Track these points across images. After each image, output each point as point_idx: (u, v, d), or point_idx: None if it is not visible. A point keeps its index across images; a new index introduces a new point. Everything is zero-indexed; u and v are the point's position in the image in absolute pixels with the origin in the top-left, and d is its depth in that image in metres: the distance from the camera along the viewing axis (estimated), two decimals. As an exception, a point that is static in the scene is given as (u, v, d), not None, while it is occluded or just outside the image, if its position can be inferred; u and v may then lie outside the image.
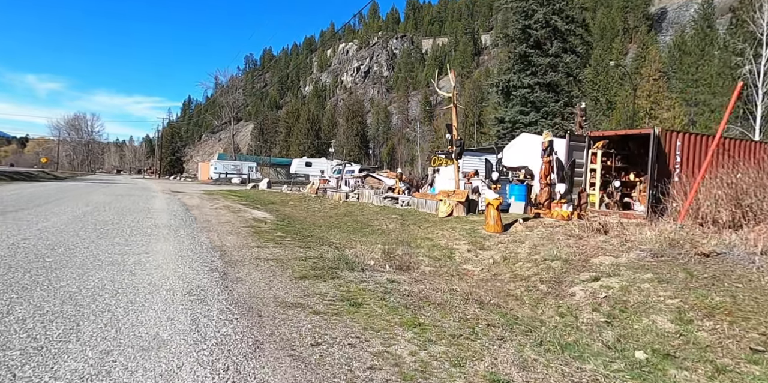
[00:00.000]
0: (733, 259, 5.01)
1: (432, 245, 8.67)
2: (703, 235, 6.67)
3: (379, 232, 10.50)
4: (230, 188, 27.43)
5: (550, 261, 6.39)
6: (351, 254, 6.72)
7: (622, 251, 6.00)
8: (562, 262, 6.20)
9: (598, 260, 5.84)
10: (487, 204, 9.54)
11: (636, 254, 5.71)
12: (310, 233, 9.49)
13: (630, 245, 6.13)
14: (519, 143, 15.74)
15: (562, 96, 29.52)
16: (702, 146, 12.33)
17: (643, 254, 5.63)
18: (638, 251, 5.76)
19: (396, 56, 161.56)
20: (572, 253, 6.62)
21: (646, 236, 6.33)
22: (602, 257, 5.91)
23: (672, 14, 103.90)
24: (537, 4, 30.51)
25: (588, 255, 6.11)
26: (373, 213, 13.77)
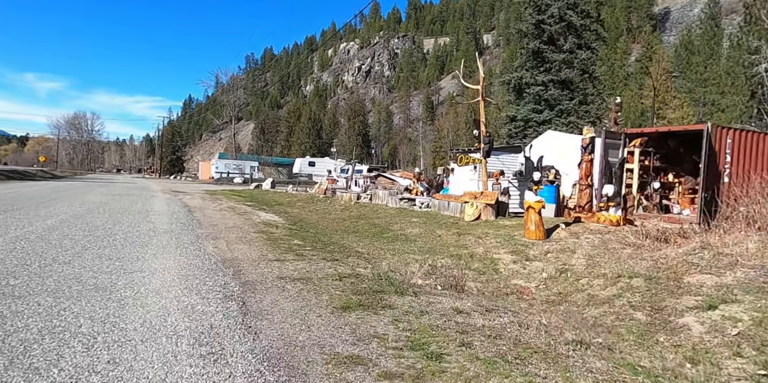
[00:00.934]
0: None
1: (469, 255, 7.61)
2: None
3: (403, 238, 9.44)
4: (233, 188, 26.35)
5: (627, 279, 5.32)
6: (386, 267, 5.66)
7: (721, 268, 4.94)
8: (644, 280, 5.13)
9: (695, 280, 4.77)
10: (528, 207, 8.48)
11: (744, 272, 4.65)
12: (329, 239, 8.42)
13: (730, 261, 5.07)
14: (544, 141, 14.68)
15: (577, 94, 28.45)
16: (754, 144, 11.26)
17: (754, 273, 4.57)
18: (746, 269, 4.70)
19: (397, 56, 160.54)
20: (652, 268, 5.55)
21: (746, 249, 5.26)
22: (699, 276, 4.84)
23: (675, 14, 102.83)
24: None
25: (677, 272, 5.05)
26: (390, 216, 12.71)
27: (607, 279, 5.53)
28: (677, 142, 12.98)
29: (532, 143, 13.60)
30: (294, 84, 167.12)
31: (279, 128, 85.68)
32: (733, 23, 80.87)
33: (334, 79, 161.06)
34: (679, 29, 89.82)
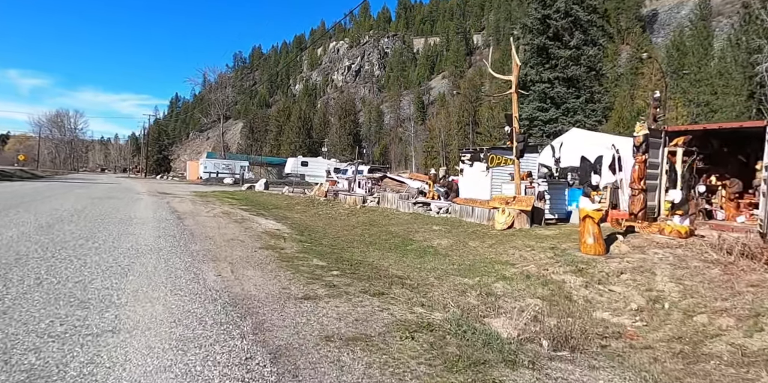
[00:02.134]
0: None
1: (523, 276, 6.27)
2: None
3: (432, 252, 8.07)
4: (224, 189, 24.70)
5: (765, 318, 4.01)
6: (450, 302, 4.29)
7: None
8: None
9: None
10: (585, 217, 7.17)
11: None
12: (352, 255, 7.01)
13: None
14: (569, 140, 13.40)
15: (584, 92, 27.42)
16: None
17: None
18: None
19: (387, 55, 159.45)
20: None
21: None
22: None
23: (663, 16, 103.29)
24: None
25: None
26: (406, 223, 11.33)
27: (739, 319, 4.22)
28: (720, 141, 11.82)
29: (561, 141, 12.35)
30: (283, 83, 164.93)
31: (268, 127, 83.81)
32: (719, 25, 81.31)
33: (323, 78, 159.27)
34: (667, 31, 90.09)
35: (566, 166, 11.86)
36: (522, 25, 29.54)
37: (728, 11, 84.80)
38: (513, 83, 10.60)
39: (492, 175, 15.94)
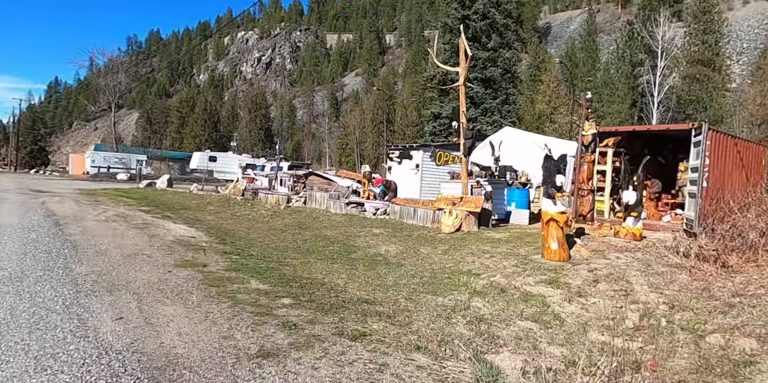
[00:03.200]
0: None
1: (493, 288, 5.52)
2: None
3: (382, 261, 7.07)
4: (117, 187, 21.37)
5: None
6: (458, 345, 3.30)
7: None
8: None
9: None
10: (548, 220, 6.63)
11: None
12: (294, 271, 5.74)
13: None
14: (507, 139, 13.19)
15: (500, 93, 28.20)
16: (727, 147, 10.70)
17: None
18: None
19: (300, 49, 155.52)
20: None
21: None
22: None
23: (555, 29, 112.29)
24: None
25: None
26: (341, 225, 10.21)
27: (760, 340, 3.77)
28: (642, 143, 12.28)
29: (501, 139, 12.02)
30: (185, 72, 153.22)
31: (169, 119, 76.82)
32: (604, 40, 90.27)
33: (231, 69, 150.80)
34: (559, 43, 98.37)
35: (505, 165, 11.54)
36: (443, 24, 29.59)
37: (608, 29, 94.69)
38: (461, 75, 9.93)
39: (422, 173, 15.37)
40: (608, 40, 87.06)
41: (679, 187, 11.07)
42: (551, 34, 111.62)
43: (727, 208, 8.79)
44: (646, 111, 42.81)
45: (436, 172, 14.92)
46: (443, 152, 9.64)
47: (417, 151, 15.30)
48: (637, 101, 45.91)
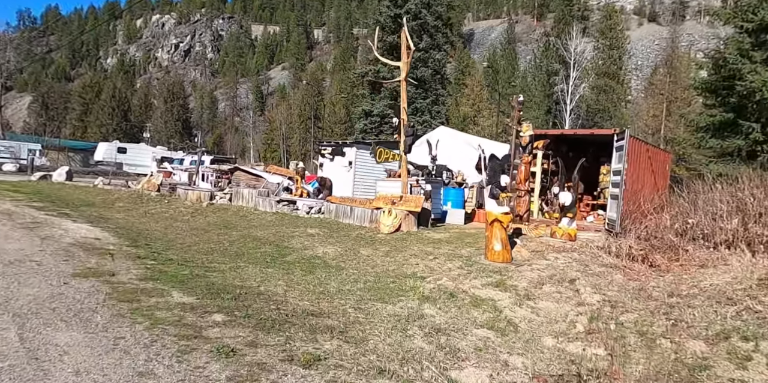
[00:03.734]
0: None
1: (442, 293, 5.27)
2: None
3: (321, 264, 6.57)
4: (2, 179, 18.52)
5: (741, 341, 3.66)
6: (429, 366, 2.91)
7: None
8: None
9: None
10: (492, 221, 6.52)
11: None
12: (224, 278, 5.05)
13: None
14: (443, 138, 13.17)
15: (430, 93, 28.60)
16: (641, 153, 11.47)
17: None
18: None
19: (222, 38, 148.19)
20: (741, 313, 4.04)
21: None
22: None
23: (478, 36, 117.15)
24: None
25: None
26: (272, 225, 9.51)
27: (708, 342, 3.82)
28: (568, 146, 12.85)
29: (438, 137, 11.93)
30: (90, 54, 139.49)
31: (69, 105, 69.16)
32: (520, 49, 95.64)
33: (144, 54, 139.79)
34: (482, 50, 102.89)
35: (441, 164, 11.47)
36: (375, 21, 29.36)
37: (526, 39, 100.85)
38: (402, 71, 9.64)
39: (356, 171, 14.96)
40: (525, 49, 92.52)
41: (601, 189, 11.69)
42: (474, 40, 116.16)
43: (644, 209, 9.38)
44: (559, 118, 45.80)
45: (369, 169, 14.57)
46: (384, 149, 9.31)
47: (350, 148, 14.85)
48: (552, 108, 49.02)
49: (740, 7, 13.11)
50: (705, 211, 7.98)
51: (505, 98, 67.31)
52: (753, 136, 11.97)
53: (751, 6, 12.56)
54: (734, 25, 13.63)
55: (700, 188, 8.93)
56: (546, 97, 49.94)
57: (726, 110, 13.35)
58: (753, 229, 6.72)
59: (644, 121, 44.73)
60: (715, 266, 6.06)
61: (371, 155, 9.11)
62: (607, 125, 40.49)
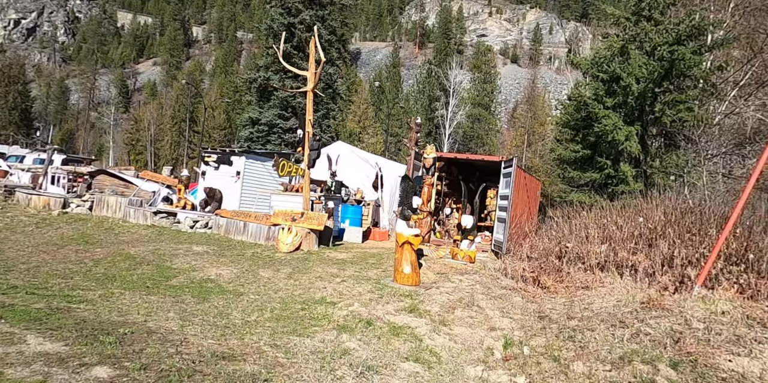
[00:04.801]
0: None
1: (357, 321, 4.94)
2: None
3: (216, 289, 5.78)
4: None
5: (642, 364, 3.98)
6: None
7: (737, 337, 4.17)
8: (671, 368, 3.89)
9: (733, 365, 3.80)
10: (403, 243, 6.41)
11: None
12: (96, 311, 4.04)
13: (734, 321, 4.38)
14: (336, 153, 12.90)
15: (321, 107, 28.25)
16: (521, 178, 12.53)
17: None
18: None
19: (80, 21, 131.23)
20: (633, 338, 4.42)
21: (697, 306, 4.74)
22: (728, 356, 3.92)
23: (364, 56, 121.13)
24: (302, 5, 28.68)
25: (697, 352, 4.00)
26: (148, 240, 8.25)
27: (612, 364, 4.06)
28: (459, 169, 13.53)
29: (338, 153, 11.58)
30: None
31: None
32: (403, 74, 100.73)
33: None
34: (368, 69, 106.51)
35: (340, 180, 11.17)
36: (267, 27, 28.33)
37: (408, 64, 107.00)
38: (309, 81, 9.21)
39: (243, 182, 13.91)
40: (408, 74, 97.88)
41: (488, 212, 12.47)
42: (361, 59, 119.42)
43: (524, 232, 10.18)
44: (439, 141, 48.88)
45: (259, 182, 13.67)
46: (287, 162, 8.68)
47: (239, 157, 13.81)
48: (432, 132, 52.20)
49: (597, 59, 15.34)
50: (578, 236, 8.89)
51: (391, 117, 69.99)
52: (606, 170, 13.95)
53: (606, 59, 14.77)
54: (591, 75, 15.89)
55: (569, 215, 9.95)
56: (427, 120, 52.96)
57: (584, 146, 15.38)
58: (621, 254, 7.63)
59: (508, 149, 50.00)
60: (595, 287, 6.68)
61: (273, 168, 8.45)
62: (480, 151, 44.41)
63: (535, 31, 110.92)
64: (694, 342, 4.12)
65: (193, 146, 61.91)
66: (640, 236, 8.04)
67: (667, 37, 13.31)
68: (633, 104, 13.67)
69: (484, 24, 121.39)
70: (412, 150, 11.80)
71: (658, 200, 8.74)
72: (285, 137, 26.28)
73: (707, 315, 4.70)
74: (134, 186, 11.36)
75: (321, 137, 10.31)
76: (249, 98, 29.72)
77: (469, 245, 7.95)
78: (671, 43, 13.09)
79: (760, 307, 5.08)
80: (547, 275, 7.62)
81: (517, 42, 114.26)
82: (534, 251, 8.67)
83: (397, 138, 58.77)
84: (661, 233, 7.65)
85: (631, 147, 13.27)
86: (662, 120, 13.35)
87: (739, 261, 6.10)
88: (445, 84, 48.38)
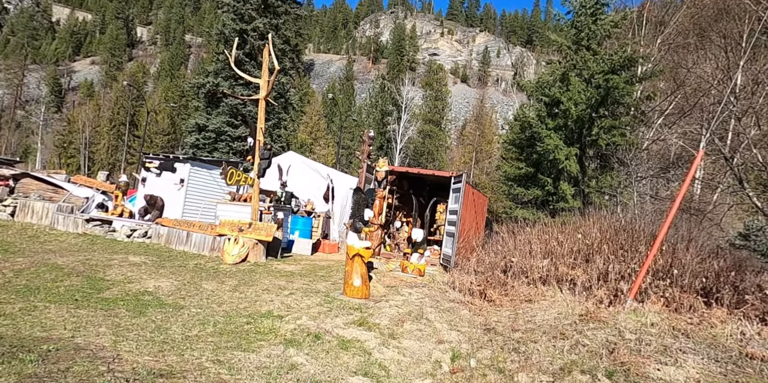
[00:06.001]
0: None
1: (305, 334, 4.83)
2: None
3: (154, 302, 5.46)
4: None
5: (581, 374, 4.16)
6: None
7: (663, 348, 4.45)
8: (605, 376, 4.09)
9: (662, 373, 4.06)
10: (354, 256, 6.38)
11: (695, 360, 4.27)
12: (16, 327, 3.70)
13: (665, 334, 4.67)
14: (293, 163, 12.71)
15: (273, 116, 27.79)
16: (469, 194, 12.88)
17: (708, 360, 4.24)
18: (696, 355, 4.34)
19: (8, 12, 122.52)
20: (574, 348, 4.63)
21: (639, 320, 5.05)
22: (657, 365, 4.17)
23: (318, 68, 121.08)
24: (255, 12, 28.36)
25: (630, 361, 4.24)
26: (79, 250, 7.68)
27: (554, 375, 4.21)
28: (410, 183, 13.70)
29: (290, 163, 11.37)
30: None
31: None
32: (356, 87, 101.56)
33: None
34: (321, 81, 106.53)
35: (290, 191, 10.98)
36: (218, 32, 27.68)
37: (362, 78, 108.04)
38: (262, 88, 9.07)
39: (187, 190, 13.35)
40: (361, 87, 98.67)
41: (437, 226, 12.68)
42: (314, 71, 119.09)
43: (471, 246, 10.44)
44: (390, 155, 49.36)
45: (205, 190, 13.18)
46: (236, 170, 8.41)
47: (183, 164, 13.26)
48: (384, 145, 52.70)
49: (540, 83, 16.24)
50: (521, 251, 9.22)
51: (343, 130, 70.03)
52: (547, 188, 14.66)
53: (549, 83, 15.66)
54: (535, 98, 16.77)
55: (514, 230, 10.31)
56: (379, 134, 53.46)
57: (528, 164, 16.12)
58: (561, 269, 7.99)
59: (457, 166, 51.32)
60: (538, 301, 6.94)
61: (221, 176, 8.16)
62: (431, 166, 45.25)
63: (484, 53, 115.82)
64: (627, 353, 4.37)
65: (132, 151, 58.86)
66: (578, 251, 8.45)
67: (603, 66, 14.33)
68: (572, 126, 14.53)
69: (436, 44, 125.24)
70: (364, 163, 11.85)
71: (595, 218, 9.26)
72: (233, 145, 25.58)
73: (638, 326, 5.00)
74: (65, 191, 10.56)
75: (272, 146, 10.12)
76: (196, 104, 28.72)
77: (419, 259, 8.03)
78: (606, 72, 14.10)
79: (684, 319, 5.49)
80: (493, 288, 7.82)
81: (467, 63, 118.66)
82: (481, 265, 8.90)
83: (348, 151, 58.81)
84: (597, 249, 8.09)
85: (571, 167, 14.04)
86: (598, 143, 14.26)
87: (665, 276, 6.57)
88: (397, 99, 49.23)
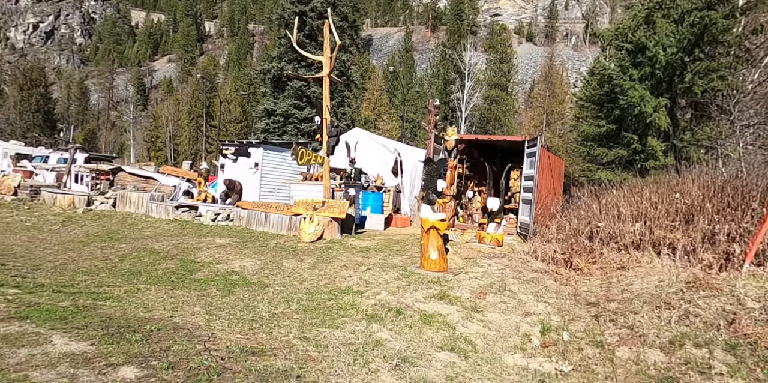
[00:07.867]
0: None
1: (386, 309, 4.78)
2: None
3: (241, 281, 5.70)
4: None
5: (695, 348, 3.71)
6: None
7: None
8: (726, 353, 3.62)
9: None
10: (429, 228, 6.20)
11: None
12: (122, 308, 3.99)
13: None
14: (361, 140, 12.66)
15: (336, 95, 27.98)
16: (545, 158, 12.09)
17: None
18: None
19: (95, 22, 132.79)
20: (705, 325, 4.14)
21: None
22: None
23: (376, 42, 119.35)
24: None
25: (756, 334, 3.72)
26: (171, 234, 8.24)
27: (663, 350, 3.80)
28: (480, 152, 13.16)
29: (357, 139, 11.40)
30: None
31: None
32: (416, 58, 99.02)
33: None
34: (380, 55, 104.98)
35: (359, 167, 10.99)
36: (278, 17, 28.04)
37: (421, 48, 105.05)
38: (325, 66, 8.98)
39: (262, 173, 13.86)
40: (421, 58, 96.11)
41: (512, 193, 12.12)
42: (373, 46, 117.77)
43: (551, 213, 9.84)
44: (456, 124, 47.94)
45: (277, 172, 13.61)
46: (306, 150, 8.53)
47: (256, 148, 13.75)
48: (449, 115, 51.35)
49: (621, 29, 14.64)
50: (607, 215, 8.51)
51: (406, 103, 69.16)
52: (633, 146, 13.40)
53: (630, 29, 14.07)
54: (615, 46, 15.18)
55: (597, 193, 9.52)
56: (443, 104, 52.03)
57: (609, 121, 14.80)
58: (657, 232, 7.26)
59: (527, 130, 48.80)
60: (633, 268, 6.38)
61: (292, 157, 8.30)
62: (498, 132, 43.52)
63: (551, 7, 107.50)
64: (750, 323, 3.83)
65: (210, 140, 62.46)
66: (676, 212, 7.63)
67: (696, 2, 12.56)
68: (661, 74, 13.02)
69: (498, 3, 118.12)
70: (431, 133, 11.50)
71: (694, 174, 8.29)
72: (301, 127, 26.19)
73: (762, 293, 4.38)
74: (155, 181, 11.39)
75: (338, 124, 10.10)
76: (264, 90, 29.63)
77: (496, 229, 7.70)
78: (700, 9, 12.35)
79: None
80: (579, 256, 7.32)
81: (532, 20, 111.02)
82: (561, 232, 8.37)
83: (413, 124, 58.03)
84: (699, 208, 7.24)
85: (660, 120, 12.67)
86: (693, 90, 12.68)
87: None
88: (459, 66, 47.35)
